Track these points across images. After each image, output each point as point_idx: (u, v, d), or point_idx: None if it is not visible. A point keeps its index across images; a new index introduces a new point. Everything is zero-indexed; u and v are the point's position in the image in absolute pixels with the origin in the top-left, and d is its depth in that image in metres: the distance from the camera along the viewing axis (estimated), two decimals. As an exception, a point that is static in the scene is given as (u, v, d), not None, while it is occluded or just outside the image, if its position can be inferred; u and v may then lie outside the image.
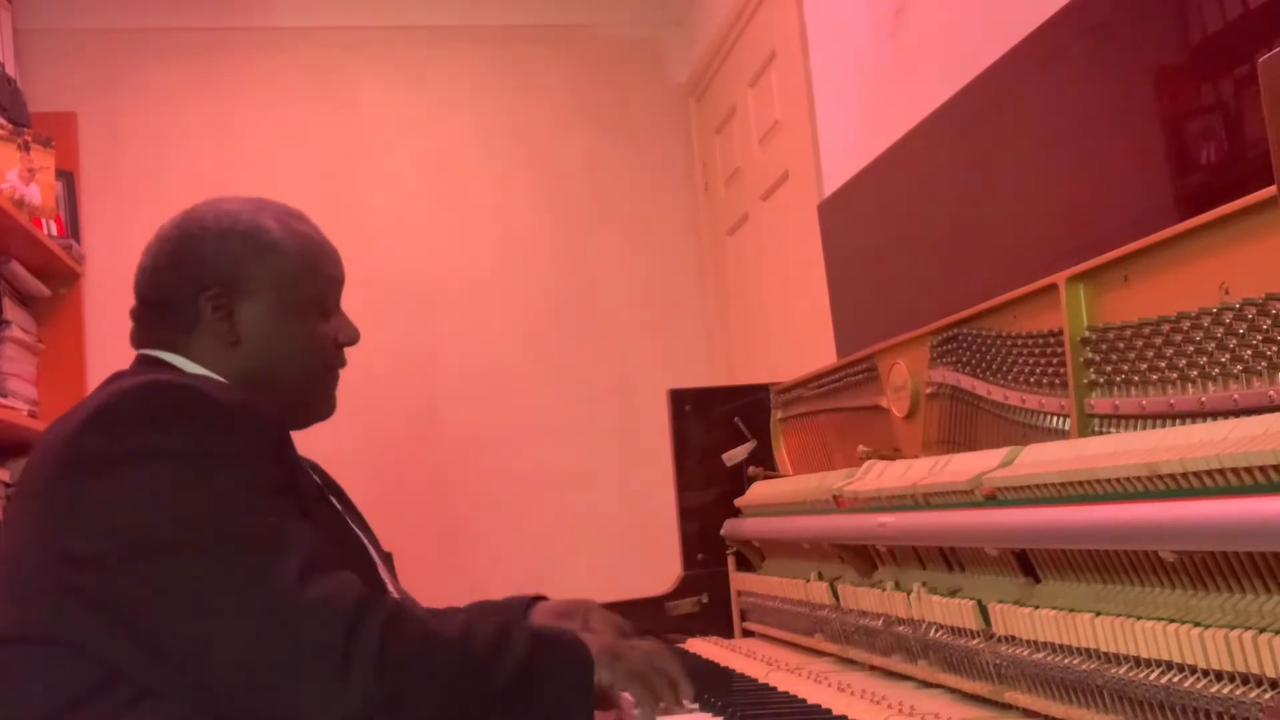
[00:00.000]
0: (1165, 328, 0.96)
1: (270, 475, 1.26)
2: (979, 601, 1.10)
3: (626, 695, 1.27)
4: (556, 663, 1.26)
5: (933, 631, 1.19)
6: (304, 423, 1.47)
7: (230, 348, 1.40)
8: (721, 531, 1.93)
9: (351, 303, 1.54)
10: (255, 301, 1.40)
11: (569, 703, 1.25)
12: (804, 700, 1.26)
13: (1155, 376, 0.97)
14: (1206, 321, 0.91)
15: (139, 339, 1.44)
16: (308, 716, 1.14)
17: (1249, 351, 0.86)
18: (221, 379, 1.38)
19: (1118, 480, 0.90)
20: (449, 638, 1.22)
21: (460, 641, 1.22)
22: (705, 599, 1.99)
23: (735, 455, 1.96)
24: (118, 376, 1.37)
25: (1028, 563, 1.08)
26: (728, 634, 1.94)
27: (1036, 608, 1.01)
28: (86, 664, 1.17)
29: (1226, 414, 0.88)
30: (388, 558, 1.53)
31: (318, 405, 1.49)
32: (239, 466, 1.23)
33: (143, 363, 1.41)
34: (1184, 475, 0.83)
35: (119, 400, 1.25)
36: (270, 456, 1.28)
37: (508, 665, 1.21)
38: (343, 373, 1.53)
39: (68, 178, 3.14)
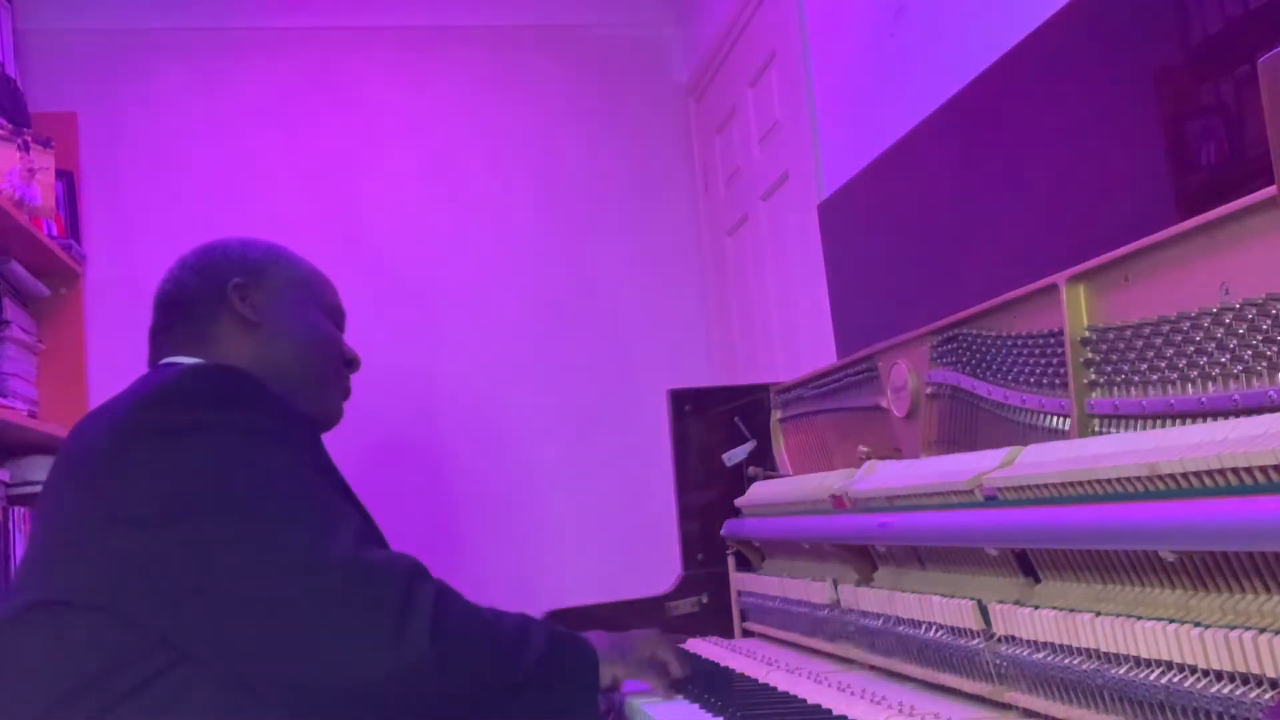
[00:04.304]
0: (1165, 328, 0.96)
1: (316, 460, 1.34)
2: (979, 601, 1.10)
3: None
4: (569, 659, 1.33)
5: (933, 631, 1.19)
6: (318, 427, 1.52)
7: (251, 331, 1.45)
8: (721, 531, 1.93)
9: (351, 301, 1.55)
10: (275, 292, 1.49)
11: (580, 700, 1.32)
12: (804, 700, 1.26)
13: (1155, 376, 0.97)
14: (1206, 321, 0.91)
15: (157, 351, 1.47)
16: (363, 669, 1.17)
17: (1249, 351, 0.86)
18: None
19: (1118, 480, 0.90)
20: (485, 616, 1.28)
21: (494, 622, 1.29)
22: (705, 599, 1.99)
23: (735, 455, 1.96)
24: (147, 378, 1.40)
25: (1028, 563, 1.08)
26: (728, 634, 1.94)
27: (1036, 608, 1.01)
28: (129, 630, 1.19)
29: (1226, 414, 0.88)
30: None
31: (328, 406, 1.55)
32: (292, 446, 1.30)
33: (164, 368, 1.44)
34: (1184, 475, 0.83)
35: (175, 379, 1.31)
36: (311, 445, 1.37)
37: (530, 654, 1.28)
38: (344, 370, 1.54)
39: (68, 178, 3.14)
